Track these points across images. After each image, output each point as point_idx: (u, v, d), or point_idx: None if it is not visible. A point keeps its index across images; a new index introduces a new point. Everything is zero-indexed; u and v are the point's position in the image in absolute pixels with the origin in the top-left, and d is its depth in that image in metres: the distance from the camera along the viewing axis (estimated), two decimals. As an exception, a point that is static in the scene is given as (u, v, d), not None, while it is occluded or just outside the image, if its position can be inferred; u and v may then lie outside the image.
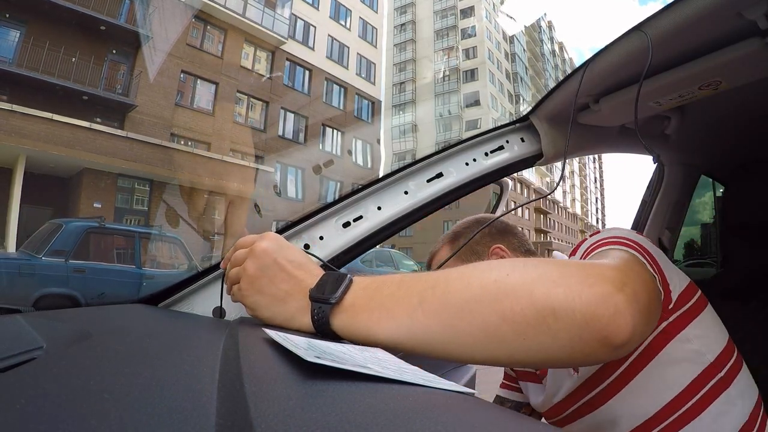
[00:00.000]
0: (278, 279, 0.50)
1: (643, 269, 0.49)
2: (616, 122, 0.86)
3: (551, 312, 0.37)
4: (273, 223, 14.01)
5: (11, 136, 9.11)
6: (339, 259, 0.72)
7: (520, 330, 0.37)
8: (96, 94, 11.23)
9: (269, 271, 0.51)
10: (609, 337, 0.36)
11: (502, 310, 0.38)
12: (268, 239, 0.53)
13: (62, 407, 0.23)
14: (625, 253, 0.52)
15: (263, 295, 0.51)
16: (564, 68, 47.20)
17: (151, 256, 5.88)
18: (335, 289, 0.46)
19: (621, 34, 0.64)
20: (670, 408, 0.56)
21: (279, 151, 15.48)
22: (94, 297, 4.75)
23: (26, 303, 4.19)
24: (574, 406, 0.66)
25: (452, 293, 0.41)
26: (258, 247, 0.52)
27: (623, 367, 0.59)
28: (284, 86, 16.09)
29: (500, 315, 0.38)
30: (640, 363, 0.58)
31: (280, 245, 0.53)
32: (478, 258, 0.79)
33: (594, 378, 0.62)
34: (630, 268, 0.46)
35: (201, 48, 13.78)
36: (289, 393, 0.28)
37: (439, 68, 33.99)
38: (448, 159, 0.81)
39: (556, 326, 0.36)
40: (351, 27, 19.68)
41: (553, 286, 0.37)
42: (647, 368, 0.57)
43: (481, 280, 0.40)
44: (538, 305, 0.37)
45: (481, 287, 0.40)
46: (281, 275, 0.50)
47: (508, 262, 0.42)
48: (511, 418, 0.30)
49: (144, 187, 11.48)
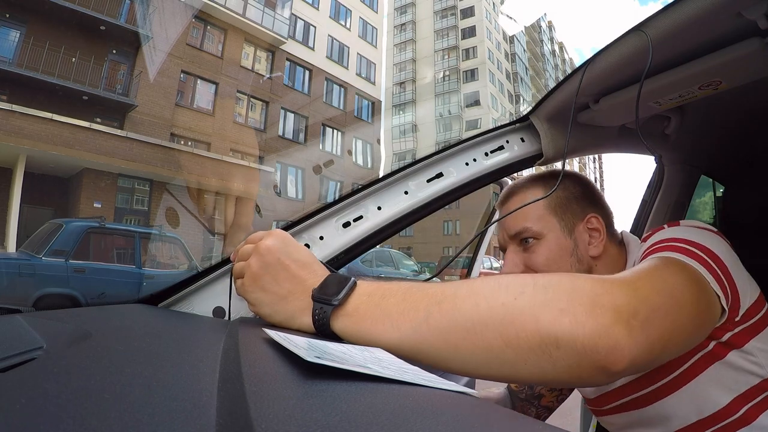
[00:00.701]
0: (281, 277, 0.51)
1: (684, 289, 0.46)
2: (616, 122, 0.86)
3: (554, 341, 0.37)
4: (273, 223, 14.01)
5: (11, 136, 9.10)
6: (339, 259, 0.72)
7: (523, 355, 0.38)
8: (96, 94, 11.23)
9: (272, 269, 0.51)
10: (606, 366, 0.37)
11: (507, 336, 0.38)
12: (274, 237, 0.53)
13: (62, 407, 0.23)
14: (672, 266, 0.49)
15: (265, 292, 0.51)
16: (564, 68, 47.19)
17: (152, 256, 5.88)
18: (338, 291, 0.46)
19: (621, 34, 0.64)
20: (725, 412, 0.56)
21: (279, 151, 15.48)
22: (94, 297, 4.75)
23: (26, 303, 4.19)
24: (622, 400, 0.66)
25: (459, 312, 0.41)
26: (263, 245, 0.52)
27: (681, 369, 0.58)
28: (284, 86, 16.09)
29: (505, 340, 0.38)
30: (699, 368, 0.57)
31: (285, 243, 0.53)
32: (573, 217, 0.71)
33: (648, 376, 0.61)
34: (657, 291, 0.44)
35: (201, 48, 13.78)
36: (289, 393, 0.28)
37: (439, 68, 33.98)
38: (448, 159, 0.81)
39: (557, 354, 0.37)
40: (351, 27, 19.68)
41: (560, 315, 0.38)
42: (705, 373, 0.57)
43: (489, 302, 0.40)
44: (542, 333, 0.38)
45: (489, 309, 0.40)
46: (284, 274, 0.51)
47: (520, 281, 0.41)
48: (511, 419, 0.30)
49: (144, 187, 11.48)
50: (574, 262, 0.68)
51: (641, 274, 0.46)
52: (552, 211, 0.71)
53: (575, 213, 0.71)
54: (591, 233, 0.70)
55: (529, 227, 0.69)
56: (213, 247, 8.06)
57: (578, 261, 0.68)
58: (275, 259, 0.51)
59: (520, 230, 0.70)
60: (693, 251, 0.52)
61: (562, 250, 0.68)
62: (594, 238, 0.70)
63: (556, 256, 0.68)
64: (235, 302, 0.66)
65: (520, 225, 0.70)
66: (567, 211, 0.71)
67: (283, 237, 0.54)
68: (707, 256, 0.52)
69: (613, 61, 0.68)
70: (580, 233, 0.70)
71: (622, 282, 0.42)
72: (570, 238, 0.69)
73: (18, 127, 9.24)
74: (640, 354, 0.39)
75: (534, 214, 0.70)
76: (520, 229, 0.70)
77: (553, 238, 0.69)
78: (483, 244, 1.62)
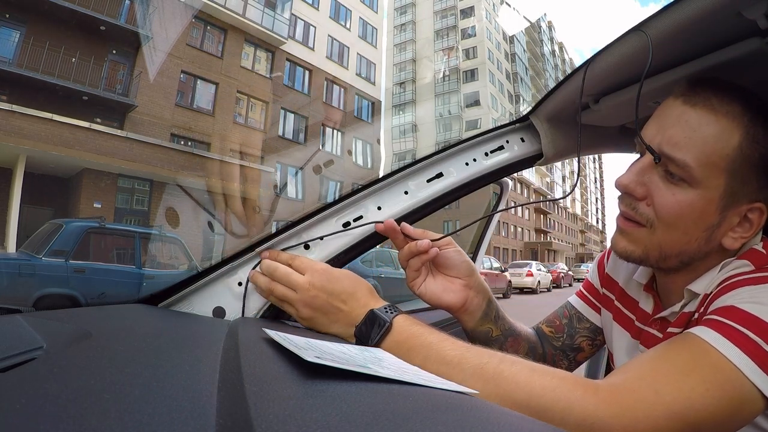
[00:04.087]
0: (331, 313, 0.58)
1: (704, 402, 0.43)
2: (616, 122, 0.86)
3: None
4: (273, 223, 13.97)
5: (11, 136, 9.11)
6: (339, 259, 0.72)
7: None
8: (96, 94, 11.24)
9: (322, 309, 0.59)
10: None
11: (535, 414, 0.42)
12: (318, 275, 0.60)
13: (62, 407, 0.23)
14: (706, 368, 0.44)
15: (316, 325, 0.59)
16: (564, 68, 47.22)
17: (151, 256, 5.87)
18: (374, 336, 0.53)
19: (621, 34, 0.64)
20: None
21: (279, 151, 15.48)
22: (94, 297, 4.75)
23: (26, 303, 4.19)
24: None
25: (498, 394, 0.44)
26: (310, 286, 0.59)
27: None
28: (284, 86, 16.10)
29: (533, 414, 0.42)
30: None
31: (329, 279, 0.59)
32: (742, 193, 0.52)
33: None
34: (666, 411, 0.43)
35: (201, 48, 13.78)
36: (289, 393, 0.28)
37: (439, 68, 33.99)
38: (448, 159, 0.81)
39: None
40: (351, 27, 19.68)
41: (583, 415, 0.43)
42: None
43: (529, 394, 0.44)
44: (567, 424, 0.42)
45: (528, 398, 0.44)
46: (333, 311, 0.58)
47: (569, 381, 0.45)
48: (511, 419, 0.30)
49: (144, 187, 11.48)
50: (703, 239, 0.54)
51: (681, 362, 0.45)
52: (728, 168, 0.51)
53: (749, 191, 0.52)
54: (742, 222, 0.54)
55: (690, 167, 0.51)
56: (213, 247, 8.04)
57: (706, 241, 0.54)
58: (324, 300, 0.58)
59: (679, 161, 0.51)
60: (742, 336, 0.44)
61: (702, 218, 0.53)
62: (741, 229, 0.54)
63: (690, 219, 0.52)
64: (235, 302, 0.66)
65: (681, 155, 0.51)
66: (742, 183, 0.52)
67: (326, 273, 0.60)
68: None
69: (613, 61, 0.68)
70: (732, 215, 0.53)
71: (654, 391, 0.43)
72: (720, 213, 0.52)
73: (18, 127, 9.24)
74: None
75: (707, 154, 0.51)
76: (680, 159, 0.51)
77: (702, 200, 0.52)
78: (483, 244, 1.62)
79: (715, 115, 0.51)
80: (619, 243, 0.57)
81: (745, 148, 0.51)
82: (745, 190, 0.52)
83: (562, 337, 0.77)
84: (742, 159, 0.51)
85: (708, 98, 0.52)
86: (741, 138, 0.51)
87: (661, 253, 0.55)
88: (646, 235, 0.55)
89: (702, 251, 0.55)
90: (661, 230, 0.54)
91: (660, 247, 0.54)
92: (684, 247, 0.54)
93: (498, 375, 0.46)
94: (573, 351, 0.77)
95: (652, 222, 0.54)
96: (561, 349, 0.77)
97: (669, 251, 0.54)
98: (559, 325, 0.78)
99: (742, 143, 0.51)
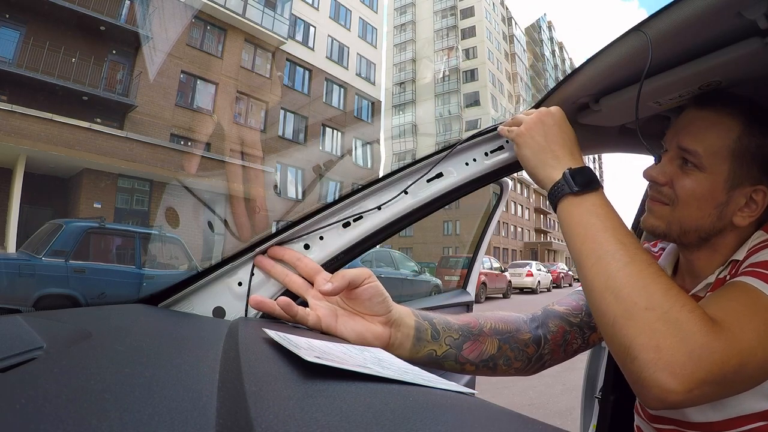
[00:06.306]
0: (550, 137, 0.67)
1: None
2: (616, 122, 0.86)
3: (632, 358, 0.48)
4: (273, 223, 13.97)
5: (11, 136, 9.11)
6: (339, 259, 0.72)
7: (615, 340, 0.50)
8: (96, 94, 11.24)
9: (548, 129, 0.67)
10: (653, 402, 0.48)
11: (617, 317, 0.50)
12: (556, 110, 0.69)
13: (62, 407, 0.23)
14: None
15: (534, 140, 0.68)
16: (564, 68, 47.23)
17: (151, 257, 5.87)
18: (583, 186, 0.61)
19: (621, 34, 0.64)
20: None
21: (279, 151, 15.48)
22: (94, 297, 4.75)
23: (26, 303, 4.19)
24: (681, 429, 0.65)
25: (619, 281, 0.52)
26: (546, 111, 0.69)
27: None
28: (284, 86, 16.10)
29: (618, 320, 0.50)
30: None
31: (564, 119, 0.69)
32: (744, 178, 0.63)
33: None
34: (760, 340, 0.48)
35: (201, 48, 13.78)
36: (289, 393, 0.28)
37: (439, 68, 33.99)
38: (448, 159, 0.81)
39: (630, 366, 0.49)
40: (351, 27, 19.69)
41: (651, 350, 0.47)
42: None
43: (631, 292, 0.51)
44: (630, 346, 0.48)
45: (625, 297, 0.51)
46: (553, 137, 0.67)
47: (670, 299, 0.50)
48: (511, 419, 0.30)
49: (144, 187, 11.48)
50: (715, 216, 0.64)
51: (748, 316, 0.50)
52: (730, 155, 0.62)
53: (750, 176, 0.63)
54: (749, 203, 0.63)
55: (699, 154, 0.63)
56: (213, 247, 8.05)
57: (719, 217, 0.64)
58: (553, 123, 0.67)
59: (691, 150, 0.63)
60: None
61: (711, 196, 0.63)
62: (748, 209, 0.63)
63: (702, 198, 0.63)
64: (236, 302, 0.66)
65: (693, 146, 0.63)
66: (744, 168, 0.62)
67: (562, 114, 0.69)
68: None
69: (613, 61, 0.68)
70: (738, 195, 0.63)
71: (727, 338, 0.48)
72: (726, 193, 0.63)
73: (18, 127, 9.24)
74: (692, 396, 0.46)
75: (712, 145, 0.62)
76: (691, 149, 0.63)
77: (710, 182, 0.63)
78: (483, 244, 1.62)
79: (719, 115, 0.64)
80: (648, 220, 0.69)
81: (744, 140, 0.62)
82: (747, 175, 0.63)
83: (580, 314, 0.79)
84: (741, 149, 0.62)
85: (713, 103, 0.65)
86: (740, 132, 0.62)
87: (681, 227, 0.65)
88: (669, 212, 0.66)
89: (716, 227, 0.64)
90: (680, 207, 0.64)
91: (680, 222, 0.65)
92: (699, 222, 0.64)
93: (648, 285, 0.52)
94: (589, 329, 0.79)
95: (673, 200, 0.65)
96: (578, 326, 0.78)
97: (687, 226, 0.65)
98: (576, 305, 0.80)
99: (741, 136, 0.62)
